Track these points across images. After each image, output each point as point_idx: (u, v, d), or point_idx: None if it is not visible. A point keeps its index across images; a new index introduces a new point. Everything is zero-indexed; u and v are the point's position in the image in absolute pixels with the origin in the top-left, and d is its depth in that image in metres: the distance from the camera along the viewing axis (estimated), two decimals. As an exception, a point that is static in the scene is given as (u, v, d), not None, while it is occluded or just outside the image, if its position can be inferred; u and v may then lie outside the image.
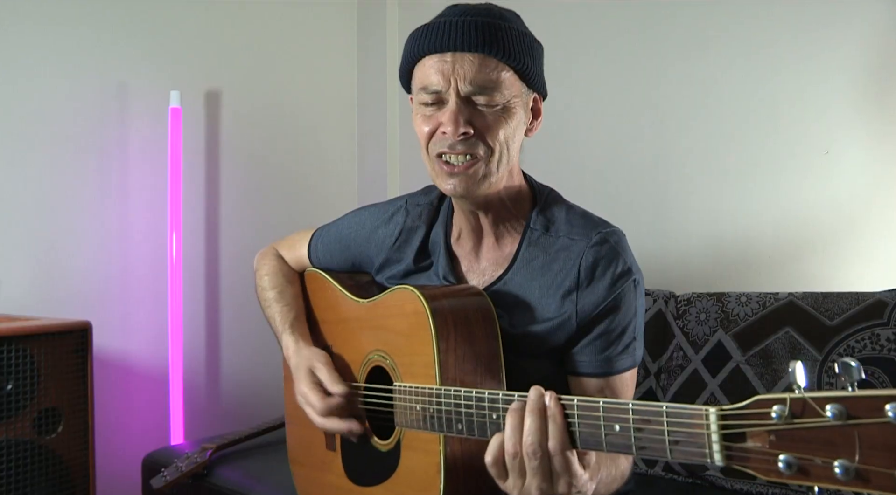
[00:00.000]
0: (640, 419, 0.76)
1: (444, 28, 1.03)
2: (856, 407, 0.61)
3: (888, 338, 1.44)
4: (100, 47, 2.19)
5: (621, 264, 1.08)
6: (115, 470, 2.13)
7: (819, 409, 0.62)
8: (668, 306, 1.79)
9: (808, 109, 1.82)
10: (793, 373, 0.64)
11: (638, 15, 2.14)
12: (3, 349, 1.55)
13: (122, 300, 2.22)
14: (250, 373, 2.48)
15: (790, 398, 0.64)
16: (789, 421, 0.64)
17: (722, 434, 0.69)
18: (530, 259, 1.11)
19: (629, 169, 2.15)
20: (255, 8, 2.57)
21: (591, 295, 1.07)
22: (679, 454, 0.73)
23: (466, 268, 1.19)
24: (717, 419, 0.69)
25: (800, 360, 0.65)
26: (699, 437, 0.70)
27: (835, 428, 0.61)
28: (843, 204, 1.77)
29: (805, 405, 0.63)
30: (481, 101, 1.04)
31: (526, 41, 1.08)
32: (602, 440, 0.79)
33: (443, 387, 0.99)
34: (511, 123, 1.06)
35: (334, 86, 2.81)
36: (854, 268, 1.75)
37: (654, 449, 0.75)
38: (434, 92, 1.04)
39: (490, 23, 1.04)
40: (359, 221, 1.33)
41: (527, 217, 1.15)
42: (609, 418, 0.78)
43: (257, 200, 2.57)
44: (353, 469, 1.21)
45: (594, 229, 1.10)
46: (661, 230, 2.07)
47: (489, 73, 1.02)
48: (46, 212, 2.08)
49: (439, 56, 1.03)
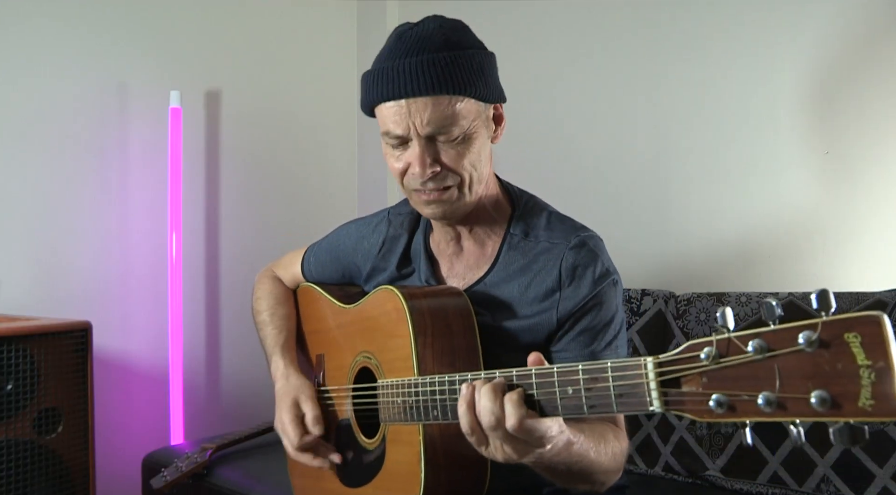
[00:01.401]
0: (590, 378, 0.79)
1: (394, 75, 1.05)
2: (774, 340, 0.64)
3: (888, 338, 1.44)
4: (100, 47, 2.19)
5: (600, 266, 1.11)
6: (115, 470, 2.13)
7: (742, 346, 0.65)
8: (668, 306, 1.79)
9: (808, 109, 1.82)
10: (721, 316, 0.66)
11: (638, 15, 2.14)
12: (3, 349, 1.55)
13: (122, 300, 2.22)
14: (250, 373, 2.48)
15: (716, 339, 0.67)
16: (717, 361, 0.66)
17: (659, 381, 0.72)
18: (510, 262, 1.15)
19: (629, 169, 2.15)
20: (255, 8, 2.57)
21: (573, 294, 1.10)
22: (623, 406, 0.76)
23: (447, 271, 1.23)
24: (654, 367, 0.72)
25: (727, 306, 0.67)
26: (639, 388, 0.74)
27: (757, 363, 0.64)
28: (842, 204, 1.77)
29: (730, 343, 0.66)
30: (442, 138, 1.06)
31: (475, 62, 1.07)
32: (558, 405, 0.83)
33: (419, 377, 1.01)
34: (475, 147, 1.08)
35: (334, 86, 2.81)
36: (854, 268, 1.75)
37: (602, 405, 0.78)
38: (396, 136, 1.07)
39: (436, 59, 1.04)
40: (346, 233, 1.39)
41: (507, 222, 1.19)
42: (563, 382, 0.82)
43: (257, 200, 2.57)
44: (345, 472, 1.23)
45: (573, 233, 1.14)
46: (661, 230, 2.07)
47: (444, 111, 1.04)
48: (46, 212, 2.09)
49: (395, 103, 1.06)
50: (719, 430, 1.62)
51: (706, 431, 1.65)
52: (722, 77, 1.96)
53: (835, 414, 0.60)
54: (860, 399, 0.58)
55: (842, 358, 0.60)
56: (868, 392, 0.58)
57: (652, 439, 1.73)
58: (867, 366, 0.58)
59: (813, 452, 1.48)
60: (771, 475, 1.53)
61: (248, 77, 2.54)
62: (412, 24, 1.13)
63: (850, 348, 0.59)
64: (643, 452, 1.74)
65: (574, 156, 2.27)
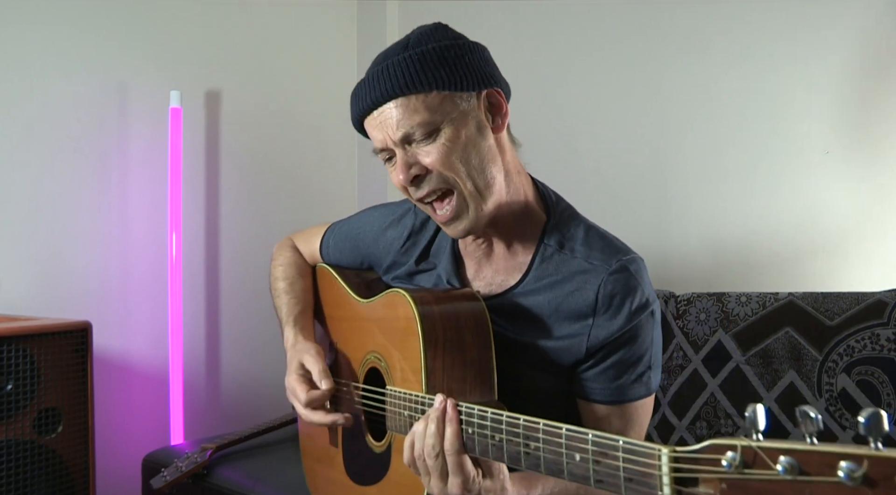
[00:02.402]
0: (598, 451, 0.74)
1: (364, 88, 1.04)
2: (808, 462, 0.57)
3: (888, 338, 1.44)
4: (100, 47, 2.19)
5: (639, 296, 1.04)
6: (115, 470, 2.13)
7: (770, 462, 0.59)
8: (668, 306, 1.79)
9: (808, 109, 1.82)
10: (751, 416, 0.61)
11: (638, 15, 2.14)
12: (3, 349, 1.55)
13: (122, 300, 2.22)
14: (250, 373, 2.48)
15: (741, 446, 0.61)
16: (740, 470, 0.61)
17: (673, 477, 0.66)
18: (542, 275, 1.09)
19: (629, 169, 2.15)
20: (255, 8, 2.57)
21: (606, 324, 1.04)
22: (632, 492, 0.71)
23: (473, 273, 1.17)
24: (669, 461, 0.67)
25: (759, 404, 0.61)
26: (651, 478, 0.68)
27: (784, 483, 0.58)
28: (843, 204, 1.77)
29: (756, 455, 0.60)
30: (417, 138, 1.02)
31: (435, 55, 1.01)
32: (564, 468, 0.78)
33: (428, 396, 0.98)
34: (459, 143, 1.02)
35: (334, 86, 2.81)
36: (854, 268, 1.75)
37: (610, 483, 0.73)
38: (382, 150, 1.06)
39: (393, 62, 1.01)
40: (369, 220, 1.34)
41: (541, 230, 1.12)
42: (571, 447, 0.77)
43: (257, 200, 2.57)
44: (351, 466, 1.22)
45: (614, 255, 1.06)
46: (661, 230, 2.07)
47: (410, 111, 1.00)
48: (47, 212, 2.08)
49: (370, 117, 1.05)
50: (719, 430, 1.62)
51: (706, 431, 1.65)
52: (722, 77, 1.96)
53: None
54: None
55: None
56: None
57: (652, 439, 1.73)
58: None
59: (813, 452, 1.48)
60: (771, 475, 1.53)
61: (248, 77, 2.54)
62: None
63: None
64: (643, 452, 1.74)
65: (574, 156, 2.27)
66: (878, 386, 1.43)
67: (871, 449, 0.52)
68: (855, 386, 1.45)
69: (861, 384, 1.45)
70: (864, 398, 1.44)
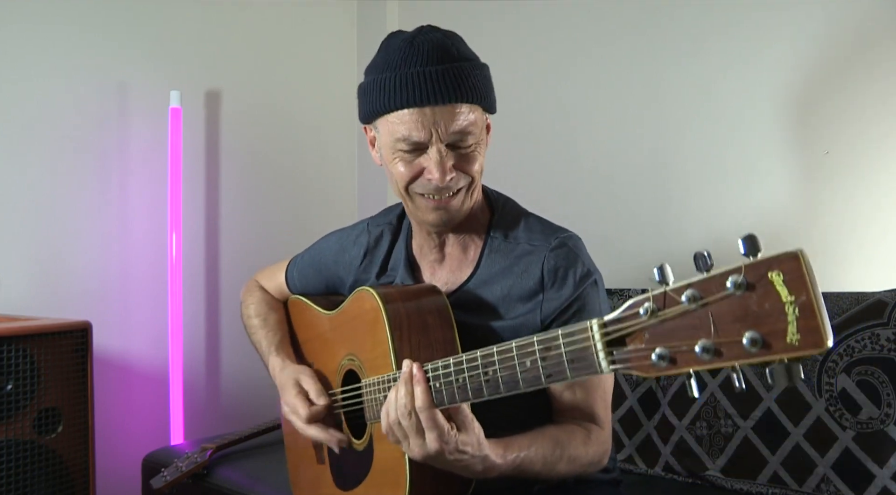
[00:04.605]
0: (543, 347, 0.82)
1: (418, 81, 1.06)
2: (705, 288, 0.64)
3: (888, 338, 1.44)
4: (100, 47, 2.19)
5: (580, 267, 1.13)
6: (115, 470, 2.13)
7: (677, 298, 0.65)
8: (668, 306, 1.79)
9: (809, 109, 1.82)
10: (659, 271, 0.67)
11: (637, 15, 2.14)
12: (3, 349, 1.55)
13: (122, 300, 2.22)
14: (250, 373, 2.48)
15: (653, 293, 0.67)
16: (656, 315, 0.67)
17: (605, 341, 0.73)
18: (492, 264, 1.17)
19: (629, 169, 2.15)
20: (255, 8, 2.57)
21: (555, 295, 1.12)
22: (577, 372, 0.78)
23: (429, 277, 1.24)
24: (599, 328, 0.74)
25: (666, 262, 0.68)
26: (588, 351, 0.76)
27: (692, 313, 0.65)
28: (843, 204, 1.77)
29: (666, 297, 0.66)
30: (460, 144, 1.09)
31: (485, 73, 1.13)
32: (519, 379, 0.85)
33: (398, 372, 1.03)
34: (482, 154, 1.13)
35: (334, 86, 2.81)
36: (854, 268, 1.75)
37: (558, 372, 0.80)
38: (414, 143, 1.08)
39: (457, 68, 1.08)
40: (327, 245, 1.40)
41: (487, 226, 1.21)
42: (521, 355, 0.85)
43: (257, 200, 2.57)
44: (339, 477, 1.24)
45: (552, 234, 1.17)
46: (660, 230, 2.07)
47: (464, 119, 1.08)
48: (46, 212, 2.09)
49: (418, 110, 1.06)
50: (719, 430, 1.62)
51: (706, 431, 1.65)
52: (722, 77, 1.96)
53: (766, 353, 0.60)
54: (787, 335, 0.59)
55: (768, 297, 0.60)
56: (794, 327, 0.58)
57: (652, 439, 1.73)
58: (791, 302, 0.59)
59: (813, 452, 1.48)
60: (771, 475, 1.53)
61: (248, 77, 2.54)
62: (412, 33, 1.12)
63: (774, 287, 0.60)
64: (643, 452, 1.74)
65: (574, 157, 2.27)
66: (877, 386, 1.43)
67: (746, 260, 0.61)
68: (855, 386, 1.45)
69: (861, 384, 1.45)
70: (864, 398, 1.44)
